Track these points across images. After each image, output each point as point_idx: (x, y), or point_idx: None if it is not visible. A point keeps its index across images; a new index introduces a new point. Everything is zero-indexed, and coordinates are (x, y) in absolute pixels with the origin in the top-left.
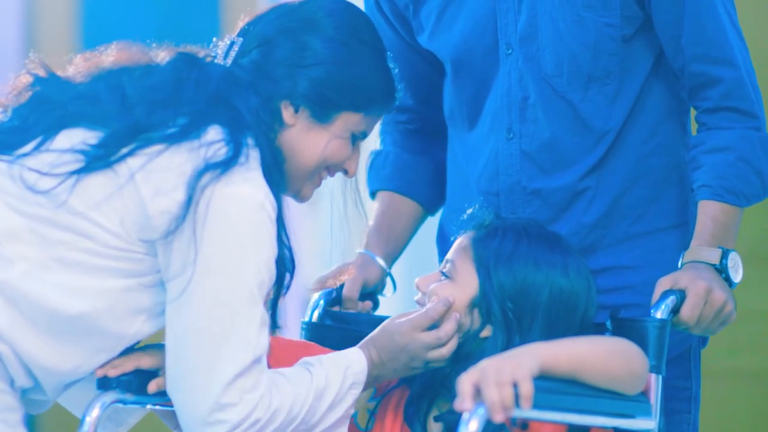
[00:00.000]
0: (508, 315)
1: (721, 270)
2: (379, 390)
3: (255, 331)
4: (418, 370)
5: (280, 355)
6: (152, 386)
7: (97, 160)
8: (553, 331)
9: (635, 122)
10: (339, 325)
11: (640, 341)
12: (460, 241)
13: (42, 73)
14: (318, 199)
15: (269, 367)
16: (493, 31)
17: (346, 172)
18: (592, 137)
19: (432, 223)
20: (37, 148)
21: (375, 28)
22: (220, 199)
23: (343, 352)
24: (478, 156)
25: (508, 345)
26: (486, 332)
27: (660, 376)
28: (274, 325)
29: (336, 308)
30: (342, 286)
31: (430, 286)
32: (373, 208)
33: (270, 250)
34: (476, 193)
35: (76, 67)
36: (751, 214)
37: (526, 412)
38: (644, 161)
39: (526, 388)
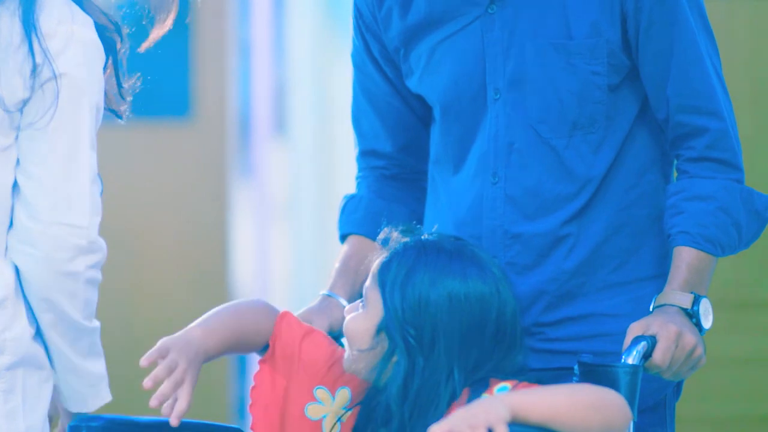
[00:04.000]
0: (408, 339)
1: (692, 315)
2: (354, 397)
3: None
4: None
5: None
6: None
7: None
8: (463, 342)
9: (619, 171)
10: None
11: (611, 387)
12: (374, 267)
13: None
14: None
15: (274, 354)
16: (482, 75)
17: None
18: (576, 184)
19: None
20: None
21: None
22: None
23: None
24: (462, 199)
25: (413, 368)
26: (395, 358)
27: (632, 422)
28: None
29: None
30: None
31: (345, 322)
32: (341, 250)
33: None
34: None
35: None
36: (722, 261)
37: None
38: (626, 211)
39: (501, 430)
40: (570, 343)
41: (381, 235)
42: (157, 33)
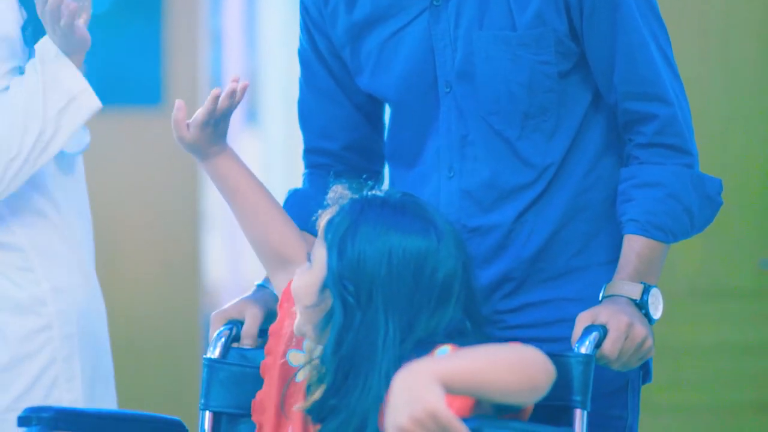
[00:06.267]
0: (345, 295)
1: (642, 306)
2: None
3: None
4: None
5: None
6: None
7: None
8: (400, 298)
9: (575, 156)
10: (240, 362)
11: (564, 376)
12: (320, 223)
13: None
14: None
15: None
16: (432, 69)
17: None
18: (532, 174)
19: None
20: None
21: None
22: None
23: None
24: (419, 194)
25: (350, 324)
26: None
27: (585, 411)
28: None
29: (234, 344)
30: (241, 322)
31: (292, 281)
32: None
33: None
34: None
35: None
36: (692, 250)
37: None
38: (584, 195)
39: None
40: (531, 330)
41: (330, 194)
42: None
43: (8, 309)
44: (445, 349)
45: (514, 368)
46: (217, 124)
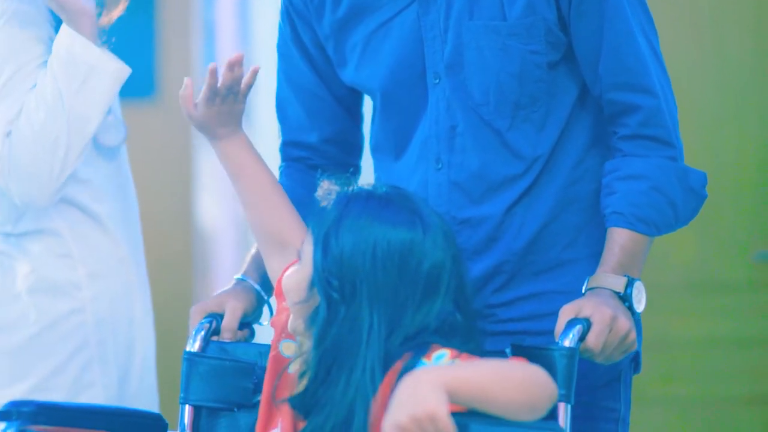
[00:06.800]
0: (329, 290)
1: (625, 299)
2: None
3: None
4: None
5: None
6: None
7: None
8: (385, 291)
9: (564, 148)
10: (220, 356)
11: (548, 370)
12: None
13: None
14: None
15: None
16: (421, 60)
17: None
18: (521, 165)
19: None
20: None
21: None
22: None
23: None
24: (406, 186)
25: (334, 317)
26: None
27: (569, 405)
28: None
29: (214, 338)
30: (221, 315)
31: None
32: None
33: None
34: None
35: None
36: (686, 243)
37: None
38: (574, 187)
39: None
40: (522, 323)
41: (319, 191)
42: (107, 18)
43: (43, 290)
44: (444, 353)
45: (520, 387)
46: (224, 100)
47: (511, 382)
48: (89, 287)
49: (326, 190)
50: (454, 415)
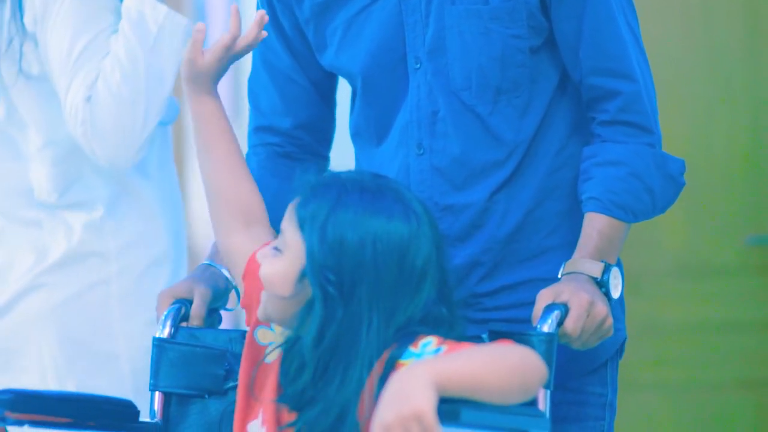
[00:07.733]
0: (326, 285)
1: (602, 284)
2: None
3: None
4: None
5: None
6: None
7: None
8: (383, 286)
9: (547, 134)
10: (190, 342)
11: None
12: (290, 207)
13: None
14: None
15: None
16: (402, 45)
17: None
18: (503, 151)
19: None
20: None
21: None
22: None
23: None
24: (386, 172)
25: (331, 315)
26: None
27: (548, 391)
28: None
29: (183, 324)
30: (190, 301)
31: (261, 267)
32: None
33: None
34: None
35: None
36: (678, 227)
37: None
38: (557, 173)
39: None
40: (508, 311)
41: (296, 183)
42: None
43: (71, 260)
44: (430, 340)
45: (512, 371)
46: (234, 53)
47: (502, 366)
48: (117, 261)
49: (302, 182)
50: (445, 400)
